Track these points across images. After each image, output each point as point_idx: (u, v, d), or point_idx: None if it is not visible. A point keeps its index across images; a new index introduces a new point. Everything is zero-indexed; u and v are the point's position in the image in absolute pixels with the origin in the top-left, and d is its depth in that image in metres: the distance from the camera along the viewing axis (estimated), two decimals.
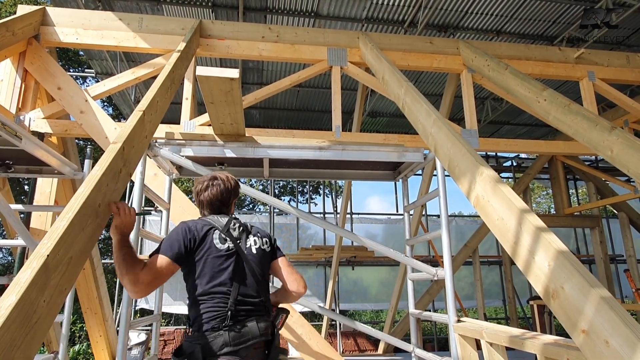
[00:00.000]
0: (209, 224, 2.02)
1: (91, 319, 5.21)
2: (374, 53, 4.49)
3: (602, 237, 9.51)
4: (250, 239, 2.08)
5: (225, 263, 1.93)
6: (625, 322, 1.41)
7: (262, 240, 2.11)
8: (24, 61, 4.17)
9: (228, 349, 1.77)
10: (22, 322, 1.29)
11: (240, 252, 1.98)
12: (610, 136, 3.10)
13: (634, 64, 5.47)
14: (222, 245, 1.96)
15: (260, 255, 2.06)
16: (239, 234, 2.05)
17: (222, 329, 1.81)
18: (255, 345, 1.85)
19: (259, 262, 2.04)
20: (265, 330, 1.88)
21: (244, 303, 1.90)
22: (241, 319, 1.86)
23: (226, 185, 2.17)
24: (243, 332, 1.82)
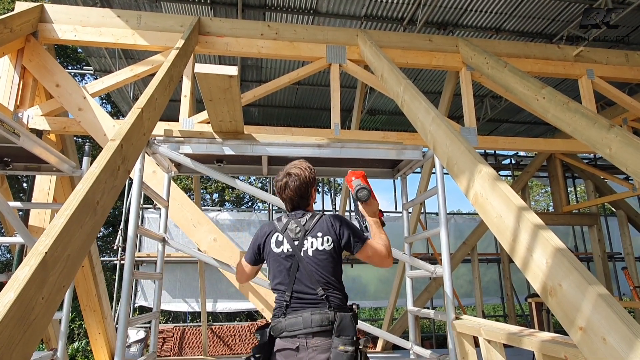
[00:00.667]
0: (270, 228, 2.27)
1: (90, 317, 5.21)
2: (373, 51, 4.48)
3: (600, 235, 9.53)
4: (308, 240, 2.16)
5: (281, 265, 2.15)
6: (623, 319, 1.41)
7: (321, 240, 2.15)
8: (22, 58, 4.16)
9: (285, 333, 2.03)
10: (20, 319, 1.30)
11: (296, 254, 2.13)
12: (608, 134, 3.10)
13: (633, 62, 5.48)
14: (278, 249, 2.18)
15: (319, 256, 2.13)
16: (297, 235, 2.17)
17: (281, 317, 2.08)
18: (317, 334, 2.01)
19: (317, 262, 2.12)
20: (321, 322, 2.02)
21: (299, 298, 2.09)
22: (296, 309, 2.07)
23: (301, 179, 2.24)
24: (297, 321, 2.03)
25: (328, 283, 2.10)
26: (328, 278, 2.11)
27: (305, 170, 2.27)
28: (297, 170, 2.26)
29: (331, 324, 2.02)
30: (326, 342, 2.00)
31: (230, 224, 11.13)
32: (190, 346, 10.13)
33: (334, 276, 2.14)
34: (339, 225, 2.20)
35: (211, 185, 16.24)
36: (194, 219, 3.75)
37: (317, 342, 1.99)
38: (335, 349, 1.96)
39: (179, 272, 10.24)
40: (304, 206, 2.29)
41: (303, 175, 2.25)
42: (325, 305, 2.07)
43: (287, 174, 2.25)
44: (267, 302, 3.72)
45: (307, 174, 2.27)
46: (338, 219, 2.25)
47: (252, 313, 13.35)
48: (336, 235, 2.17)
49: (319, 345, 1.99)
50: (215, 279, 10.05)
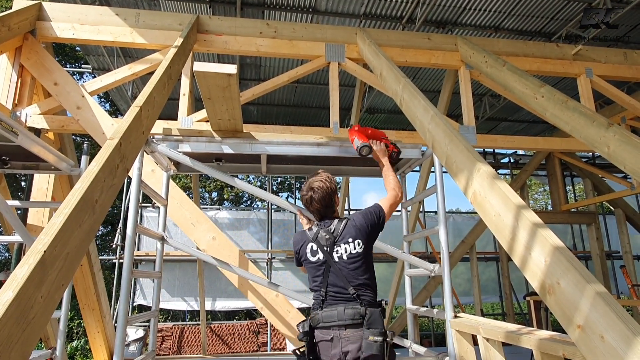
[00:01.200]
0: (304, 238, 2.52)
1: (89, 315, 5.20)
2: (372, 49, 4.48)
3: (598, 234, 9.56)
4: (341, 247, 2.41)
5: (317, 272, 2.42)
6: (621, 317, 1.42)
7: (353, 245, 2.40)
8: (20, 56, 4.15)
9: (322, 324, 2.30)
10: (19, 318, 1.29)
11: (328, 260, 2.39)
12: (607, 133, 3.11)
13: (632, 61, 5.48)
14: (313, 257, 2.44)
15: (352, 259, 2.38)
16: (327, 242, 2.42)
17: (318, 310, 2.35)
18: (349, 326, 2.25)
19: (350, 266, 2.37)
20: (353, 316, 2.27)
21: (334, 295, 2.36)
22: (331, 304, 2.33)
23: (324, 191, 2.49)
24: (332, 314, 2.29)
25: (360, 284, 2.35)
26: (360, 279, 2.36)
27: (327, 182, 2.52)
28: (319, 183, 2.50)
29: (362, 318, 2.27)
30: (357, 333, 2.24)
31: (229, 222, 11.13)
32: (189, 345, 10.14)
33: (366, 276, 2.39)
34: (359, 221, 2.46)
35: (210, 184, 16.23)
36: (192, 218, 3.75)
37: (349, 333, 2.24)
38: (366, 339, 2.21)
39: (177, 270, 10.25)
40: (330, 214, 2.55)
41: (325, 187, 2.49)
42: (357, 302, 2.31)
43: (310, 188, 2.50)
44: (266, 300, 3.72)
45: (329, 185, 2.52)
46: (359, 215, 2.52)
47: (251, 312, 13.36)
48: (363, 233, 2.43)
49: (350, 336, 2.24)
50: (214, 278, 10.06)
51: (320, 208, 2.50)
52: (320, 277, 2.40)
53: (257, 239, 11.13)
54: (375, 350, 2.18)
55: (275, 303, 3.72)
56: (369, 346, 2.19)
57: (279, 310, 3.69)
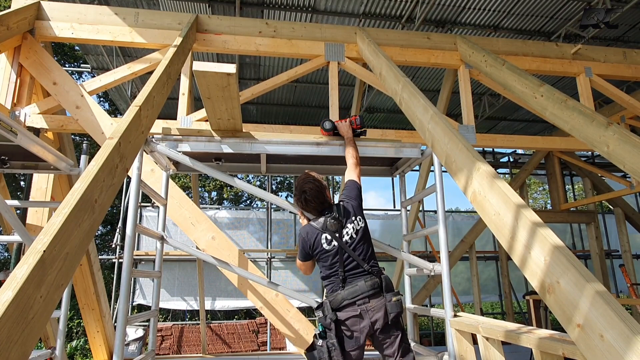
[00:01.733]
0: (315, 231, 2.70)
1: (88, 315, 5.20)
2: (372, 48, 4.48)
3: (597, 233, 9.57)
4: (348, 227, 2.69)
5: (334, 258, 2.64)
6: (620, 316, 1.42)
7: (356, 223, 2.72)
8: (19, 56, 4.14)
9: (346, 302, 2.52)
10: (18, 318, 1.29)
11: (342, 245, 2.64)
12: (606, 132, 3.11)
13: (631, 60, 5.48)
14: (329, 246, 2.66)
15: (358, 236, 2.69)
16: (336, 228, 2.66)
17: (339, 290, 2.57)
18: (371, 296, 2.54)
19: (357, 243, 2.67)
20: (373, 286, 2.56)
21: (352, 273, 2.61)
22: (351, 282, 2.59)
23: (315, 190, 2.72)
24: (355, 289, 2.55)
25: (369, 258, 2.67)
26: (368, 254, 2.68)
27: (315, 182, 2.75)
28: (309, 185, 2.73)
29: (380, 286, 2.59)
30: (380, 302, 2.53)
31: (228, 222, 11.12)
32: (188, 344, 10.14)
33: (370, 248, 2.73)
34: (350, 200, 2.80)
35: (209, 184, 16.22)
36: (192, 217, 3.75)
37: (373, 304, 2.52)
38: (389, 302, 2.53)
39: (177, 270, 10.24)
40: (327, 206, 2.77)
41: (314, 186, 2.72)
42: (373, 274, 2.62)
43: (302, 191, 2.74)
44: (266, 300, 3.72)
45: (318, 184, 2.75)
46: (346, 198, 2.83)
47: (250, 311, 13.36)
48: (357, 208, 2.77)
49: (374, 306, 2.52)
50: (214, 277, 10.06)
51: (317, 206, 2.74)
52: (337, 262, 2.62)
53: (257, 238, 11.13)
54: (399, 308, 2.52)
55: (275, 302, 3.72)
56: (394, 306, 2.51)
57: (278, 310, 3.69)
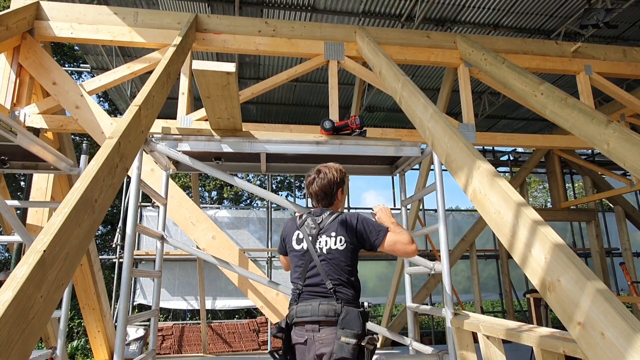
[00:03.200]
0: (293, 225, 2.43)
1: (89, 315, 5.21)
2: (371, 47, 4.47)
3: (598, 231, 9.56)
4: (322, 238, 2.30)
5: (300, 261, 2.32)
6: (621, 314, 1.42)
7: (334, 240, 2.27)
8: (19, 56, 4.14)
9: (296, 319, 2.18)
10: (19, 318, 1.29)
11: (312, 252, 2.27)
12: (606, 130, 3.11)
13: (631, 58, 5.48)
14: (298, 246, 2.35)
15: (332, 254, 2.25)
16: (312, 232, 2.32)
17: (294, 304, 2.25)
18: (322, 324, 2.12)
19: (330, 259, 2.25)
20: (327, 312, 2.13)
21: (311, 289, 2.24)
22: (307, 299, 2.22)
23: (328, 178, 2.41)
24: (306, 309, 2.17)
25: (338, 279, 2.21)
26: (339, 275, 2.22)
27: (335, 172, 2.44)
28: (327, 169, 2.44)
29: (337, 315, 2.11)
30: (331, 335, 2.08)
31: (228, 221, 11.12)
32: (189, 344, 10.14)
33: (347, 273, 2.24)
34: (355, 223, 2.29)
35: (209, 183, 16.22)
36: (192, 217, 3.75)
37: (323, 335, 2.10)
38: (338, 340, 2.04)
39: (177, 270, 10.24)
40: (327, 204, 2.44)
41: (330, 175, 2.42)
42: (334, 298, 2.17)
43: (317, 170, 2.45)
44: (266, 299, 3.72)
45: (335, 175, 2.44)
46: (355, 217, 2.32)
47: (251, 310, 13.36)
48: (350, 235, 2.27)
49: (324, 338, 2.09)
50: (214, 277, 10.06)
51: (319, 192, 2.42)
52: (301, 268, 2.29)
53: (257, 237, 11.12)
54: (347, 354, 1.99)
55: (276, 302, 3.72)
56: (340, 348, 2.01)
57: (279, 309, 3.69)
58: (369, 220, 2.34)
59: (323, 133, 3.82)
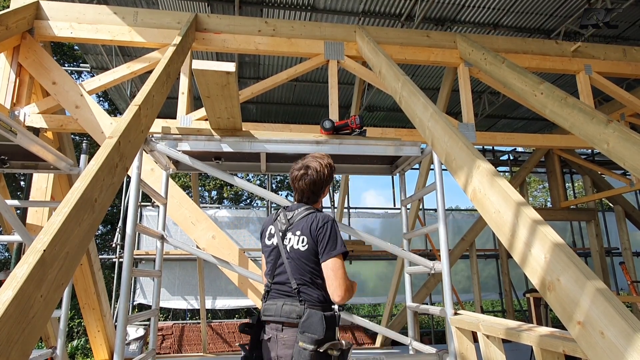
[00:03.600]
0: (270, 220, 2.34)
1: (89, 315, 5.21)
2: (371, 47, 4.47)
3: (597, 230, 9.56)
4: (289, 235, 2.19)
5: (270, 257, 2.24)
6: (621, 313, 1.42)
7: (298, 239, 2.16)
8: (18, 56, 4.14)
9: (263, 317, 2.14)
10: (19, 318, 1.29)
11: (280, 249, 2.19)
12: (606, 129, 3.11)
13: (631, 57, 5.48)
14: (269, 241, 2.27)
15: (297, 253, 2.14)
16: (282, 228, 2.23)
17: (263, 301, 2.20)
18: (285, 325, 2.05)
19: (295, 258, 2.14)
20: (290, 313, 2.05)
21: (278, 288, 2.16)
22: (274, 297, 2.15)
23: (319, 175, 2.26)
24: (270, 307, 2.12)
25: (302, 279, 2.09)
26: (302, 275, 2.10)
27: (325, 168, 2.29)
28: (317, 164, 2.28)
29: (299, 317, 2.01)
30: (293, 337, 2.00)
31: (228, 221, 11.12)
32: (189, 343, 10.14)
33: (310, 274, 2.10)
34: (318, 227, 2.12)
35: (209, 183, 16.22)
36: (192, 217, 3.75)
37: (285, 336, 2.02)
38: (297, 344, 1.93)
39: (177, 269, 10.24)
40: (312, 202, 2.31)
41: (321, 172, 2.27)
42: (297, 298, 2.07)
43: (306, 166, 2.28)
44: None
45: (326, 172, 2.29)
46: (325, 222, 2.14)
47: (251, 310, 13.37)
48: (313, 239, 2.11)
49: (286, 339, 2.01)
50: (214, 276, 10.06)
51: (305, 189, 2.27)
52: (270, 264, 2.22)
53: (257, 237, 11.13)
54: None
55: None
56: (298, 353, 1.90)
57: None
58: (333, 233, 2.12)
59: (323, 133, 3.82)
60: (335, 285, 2.03)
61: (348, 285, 2.06)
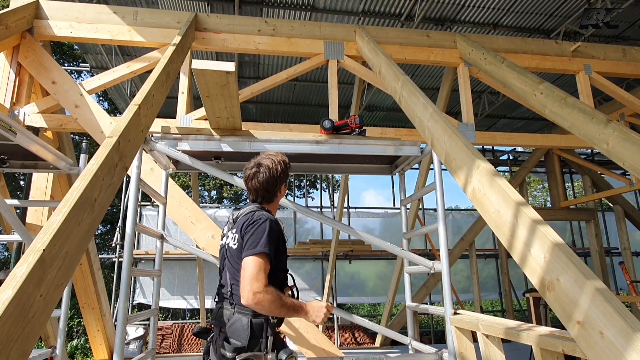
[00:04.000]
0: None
1: (89, 314, 5.21)
2: (371, 46, 4.47)
3: (597, 230, 9.57)
4: (230, 234, 2.10)
5: (221, 256, 2.19)
6: (620, 313, 1.42)
7: (233, 237, 2.04)
8: (18, 55, 4.13)
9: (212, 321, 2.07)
10: (18, 317, 1.29)
11: (224, 249, 2.13)
12: (606, 129, 3.11)
13: (630, 57, 5.48)
14: (221, 241, 2.21)
15: (231, 252, 2.04)
16: (229, 227, 2.15)
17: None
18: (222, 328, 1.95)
19: (230, 257, 2.04)
20: (220, 317, 1.96)
21: (220, 290, 2.11)
22: (220, 299, 2.08)
23: (272, 173, 2.11)
24: (213, 311, 2.10)
25: (235, 280, 1.96)
26: (234, 275, 1.97)
27: (279, 165, 2.13)
28: (270, 162, 2.12)
29: (222, 323, 1.91)
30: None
31: None
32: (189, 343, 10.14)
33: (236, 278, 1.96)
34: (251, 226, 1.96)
35: (209, 182, 16.22)
36: (192, 216, 3.75)
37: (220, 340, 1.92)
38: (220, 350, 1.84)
39: (177, 269, 10.24)
40: (267, 201, 2.16)
41: (274, 170, 2.11)
42: (229, 301, 1.95)
43: (258, 164, 2.14)
44: None
45: (280, 169, 2.13)
46: (257, 219, 1.98)
47: None
48: (242, 237, 1.97)
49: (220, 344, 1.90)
50: (214, 276, 10.03)
51: (259, 188, 2.11)
52: (220, 266, 2.15)
53: None
54: None
55: None
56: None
57: None
58: (259, 231, 1.92)
59: (323, 132, 3.82)
60: (242, 285, 1.80)
61: (258, 288, 1.77)
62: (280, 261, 2.04)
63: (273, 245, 1.92)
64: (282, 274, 2.10)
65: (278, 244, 1.99)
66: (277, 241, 1.97)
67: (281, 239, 2.05)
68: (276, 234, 1.98)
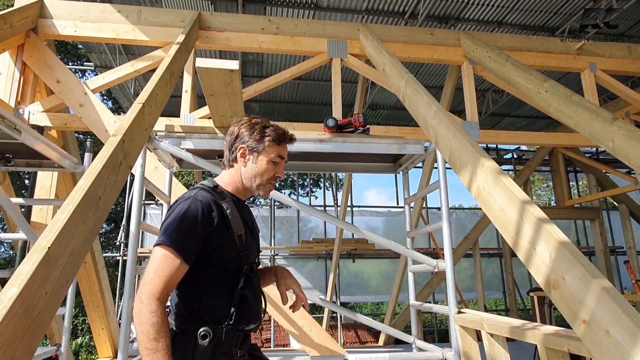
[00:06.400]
0: None
1: (93, 312, 5.23)
2: (375, 45, 4.46)
3: (602, 229, 9.52)
4: None
5: None
6: (627, 312, 1.41)
7: None
8: (23, 54, 4.15)
9: None
10: (24, 315, 1.30)
11: None
12: (611, 127, 3.09)
13: (636, 55, 5.44)
14: None
15: None
16: None
17: None
18: None
19: None
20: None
21: None
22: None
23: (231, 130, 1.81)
24: None
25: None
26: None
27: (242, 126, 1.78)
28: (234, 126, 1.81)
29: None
30: None
31: None
32: None
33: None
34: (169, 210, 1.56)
35: None
36: None
37: None
38: None
39: None
40: (228, 166, 1.79)
41: (231, 130, 1.81)
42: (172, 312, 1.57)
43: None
44: (269, 297, 3.73)
45: (237, 128, 1.78)
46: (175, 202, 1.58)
47: None
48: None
49: None
50: None
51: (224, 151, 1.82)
52: None
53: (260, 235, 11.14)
54: None
55: (279, 299, 3.72)
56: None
57: (282, 307, 3.69)
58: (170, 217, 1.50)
59: (326, 131, 3.81)
60: (143, 286, 1.39)
61: (146, 294, 1.37)
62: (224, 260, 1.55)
63: (190, 237, 1.46)
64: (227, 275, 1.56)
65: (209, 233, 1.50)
66: (202, 230, 1.48)
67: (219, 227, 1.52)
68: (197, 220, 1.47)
